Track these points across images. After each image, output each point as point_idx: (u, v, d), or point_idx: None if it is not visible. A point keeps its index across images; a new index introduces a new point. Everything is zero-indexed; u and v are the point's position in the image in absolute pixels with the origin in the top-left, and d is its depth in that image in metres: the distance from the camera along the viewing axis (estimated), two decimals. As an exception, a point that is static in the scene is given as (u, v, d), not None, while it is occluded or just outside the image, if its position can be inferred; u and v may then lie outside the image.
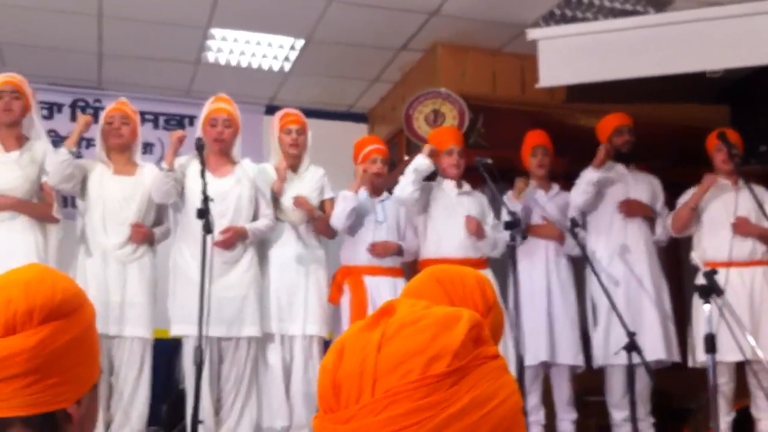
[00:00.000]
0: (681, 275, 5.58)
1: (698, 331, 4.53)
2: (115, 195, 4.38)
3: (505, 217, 4.30)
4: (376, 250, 4.66)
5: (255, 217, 4.50)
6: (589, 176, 4.87)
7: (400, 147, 6.48)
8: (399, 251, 4.75)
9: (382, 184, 4.91)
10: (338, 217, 4.57)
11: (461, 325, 0.86)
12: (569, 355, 4.80)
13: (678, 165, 5.59)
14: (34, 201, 4.34)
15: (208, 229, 3.80)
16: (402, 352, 0.84)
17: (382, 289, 4.57)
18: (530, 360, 4.61)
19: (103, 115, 4.54)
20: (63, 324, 1.26)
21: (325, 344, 4.56)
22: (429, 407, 0.81)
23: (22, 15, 5.60)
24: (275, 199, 4.60)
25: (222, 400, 4.34)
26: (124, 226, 4.34)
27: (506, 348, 4.34)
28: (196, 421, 3.66)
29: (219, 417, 4.33)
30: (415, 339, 0.84)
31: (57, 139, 6.34)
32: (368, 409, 0.83)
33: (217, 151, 4.49)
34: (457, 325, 0.86)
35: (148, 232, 4.40)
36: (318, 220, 4.63)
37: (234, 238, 4.33)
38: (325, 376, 0.87)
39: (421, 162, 4.69)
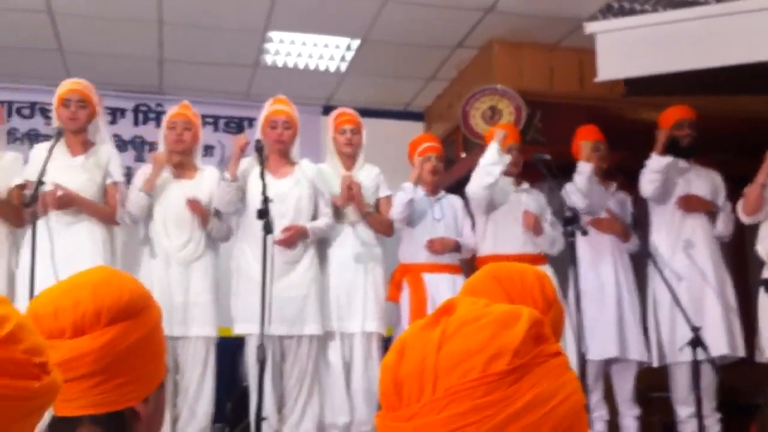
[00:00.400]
0: (747, 269, 5.45)
1: (765, 325, 4.44)
2: (176, 198, 4.44)
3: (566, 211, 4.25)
4: (435, 246, 4.66)
5: (314, 217, 4.53)
6: (654, 164, 4.78)
7: (457, 145, 6.46)
8: (457, 247, 4.74)
9: (438, 182, 4.90)
10: (395, 207, 4.59)
11: (521, 323, 0.86)
12: (637, 350, 4.74)
13: (741, 157, 5.46)
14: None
15: (268, 229, 3.84)
16: (462, 351, 0.84)
17: (441, 287, 4.57)
18: (598, 355, 4.58)
19: (166, 119, 4.61)
20: (130, 325, 1.29)
21: (384, 341, 4.58)
22: (490, 406, 0.82)
23: (84, 23, 5.74)
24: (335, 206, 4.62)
25: (285, 398, 4.38)
26: (184, 229, 4.41)
27: (567, 344, 4.30)
28: (260, 417, 3.70)
29: (282, 414, 4.37)
30: (475, 337, 0.85)
31: (120, 144, 6.48)
32: (429, 408, 0.83)
33: (276, 152, 4.53)
34: (518, 323, 0.86)
35: (205, 209, 4.42)
36: (368, 216, 4.63)
37: (295, 237, 4.37)
38: (387, 374, 0.88)
39: (496, 153, 4.65)
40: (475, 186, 4.67)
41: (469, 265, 4.84)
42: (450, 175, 6.05)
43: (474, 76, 6.35)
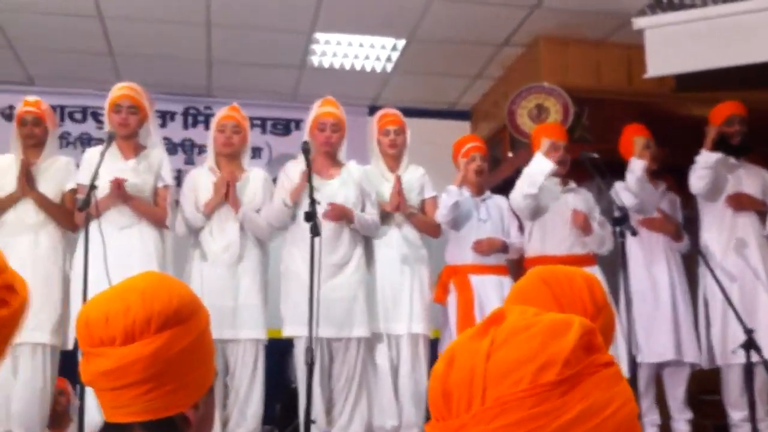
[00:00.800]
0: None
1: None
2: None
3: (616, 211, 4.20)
4: (481, 247, 4.62)
5: (361, 218, 4.53)
6: (704, 159, 4.70)
7: (504, 144, 6.42)
8: (504, 248, 4.70)
9: (483, 182, 4.86)
10: (441, 210, 4.57)
11: (572, 332, 0.85)
12: (692, 352, 4.66)
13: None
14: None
15: (315, 232, 3.84)
16: (511, 361, 0.83)
17: (488, 288, 4.54)
18: (654, 358, 4.54)
19: (215, 122, 4.63)
20: (179, 331, 1.29)
21: (430, 343, 4.57)
22: (539, 416, 0.81)
23: (134, 27, 5.82)
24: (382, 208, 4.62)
25: (334, 400, 4.39)
26: (227, 232, 4.43)
27: (617, 348, 4.24)
28: (308, 420, 3.71)
29: (331, 416, 4.38)
30: (524, 347, 0.84)
31: (170, 147, 6.56)
32: (479, 418, 0.82)
33: (324, 153, 4.54)
34: (568, 333, 0.85)
35: (237, 197, 4.44)
36: (412, 216, 4.61)
37: (340, 214, 4.36)
38: (436, 383, 0.87)
39: (542, 164, 4.59)
40: (516, 195, 4.63)
41: (517, 267, 4.80)
42: (496, 175, 6.02)
43: (520, 73, 6.30)
